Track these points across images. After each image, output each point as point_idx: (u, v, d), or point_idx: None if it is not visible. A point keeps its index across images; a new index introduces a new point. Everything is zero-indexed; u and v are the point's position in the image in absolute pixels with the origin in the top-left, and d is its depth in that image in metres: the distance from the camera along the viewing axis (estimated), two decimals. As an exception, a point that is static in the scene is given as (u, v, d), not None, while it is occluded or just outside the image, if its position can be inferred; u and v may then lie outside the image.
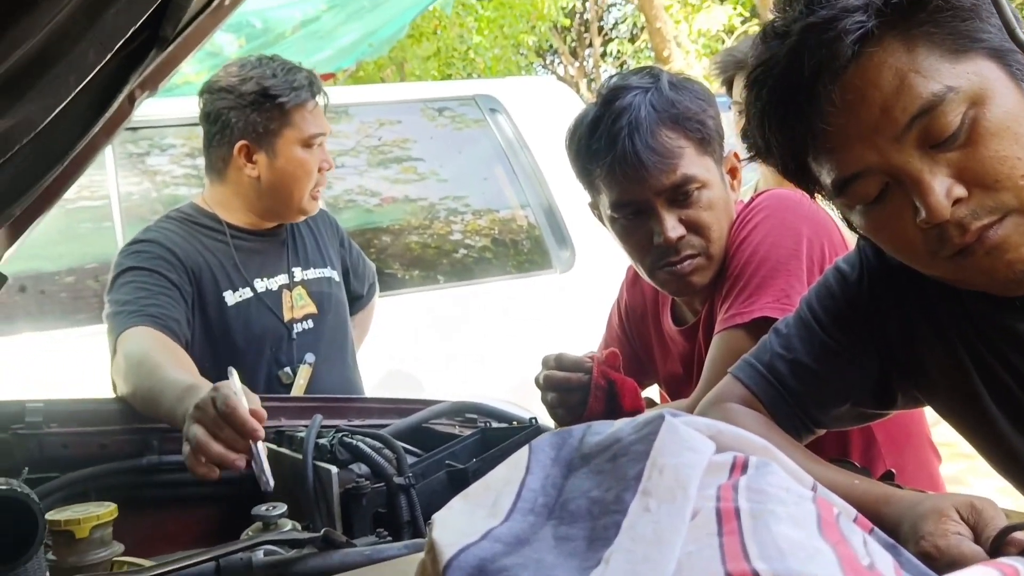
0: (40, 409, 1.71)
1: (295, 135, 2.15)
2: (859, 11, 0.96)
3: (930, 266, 1.04)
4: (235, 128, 2.13)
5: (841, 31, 0.96)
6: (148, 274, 2.03)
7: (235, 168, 2.17)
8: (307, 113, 2.16)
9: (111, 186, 3.41)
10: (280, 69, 2.16)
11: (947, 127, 0.95)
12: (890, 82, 0.96)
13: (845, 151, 1.00)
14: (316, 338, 2.25)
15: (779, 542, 0.55)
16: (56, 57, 0.92)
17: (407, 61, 11.52)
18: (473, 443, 1.68)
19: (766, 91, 1.04)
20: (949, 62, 0.96)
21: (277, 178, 2.16)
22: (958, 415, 1.18)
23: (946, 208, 0.95)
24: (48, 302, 3.31)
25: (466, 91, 4.28)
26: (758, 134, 1.08)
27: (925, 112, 0.95)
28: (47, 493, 1.59)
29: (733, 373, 1.30)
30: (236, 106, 2.13)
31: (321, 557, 1.21)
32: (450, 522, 0.64)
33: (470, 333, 3.65)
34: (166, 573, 1.12)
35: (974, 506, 0.90)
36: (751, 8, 12.09)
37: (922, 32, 0.97)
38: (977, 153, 0.96)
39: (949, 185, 0.96)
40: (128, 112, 1.31)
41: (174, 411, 1.60)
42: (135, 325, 1.91)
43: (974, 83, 0.96)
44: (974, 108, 0.96)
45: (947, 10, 0.96)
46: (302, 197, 2.20)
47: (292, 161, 2.16)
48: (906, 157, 0.97)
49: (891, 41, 0.97)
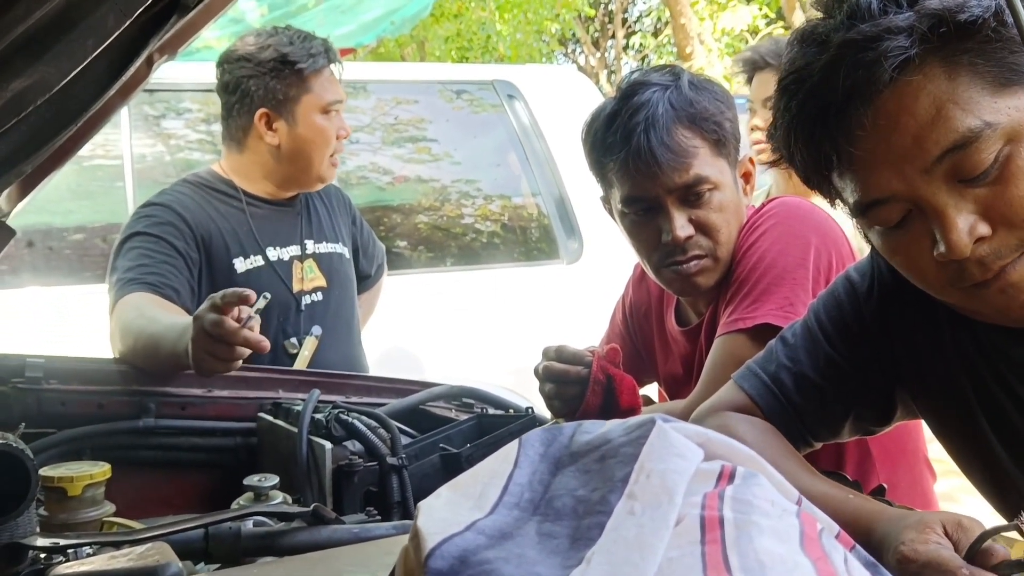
0: (40, 365, 1.72)
1: (314, 101, 2.17)
2: (903, 34, 0.91)
3: (942, 294, 1.03)
4: (255, 96, 2.15)
5: (881, 54, 0.91)
6: (155, 241, 2.05)
7: (255, 137, 2.19)
8: (325, 80, 2.18)
9: (124, 147, 3.41)
10: (296, 37, 2.19)
11: (980, 164, 0.92)
12: (926, 110, 0.92)
13: (871, 176, 0.97)
14: (323, 311, 2.26)
15: (760, 555, 0.55)
16: (76, 20, 0.92)
17: (428, 40, 11.49)
18: (468, 428, 1.69)
19: (796, 103, 1.00)
20: (991, 95, 0.92)
21: (298, 145, 2.18)
22: (951, 435, 1.17)
23: (967, 246, 0.93)
24: (55, 258, 3.32)
25: (485, 75, 4.26)
26: (783, 143, 1.05)
27: (959, 147, 0.92)
28: (42, 449, 1.60)
29: (736, 381, 1.29)
30: (255, 74, 2.14)
31: (309, 532, 1.21)
32: (436, 511, 0.64)
33: (473, 318, 3.66)
34: (155, 537, 1.13)
35: (961, 524, 0.89)
36: (777, 10, 12.02)
37: (966, 61, 0.92)
38: (1007, 192, 0.93)
39: (973, 222, 0.93)
40: (145, 75, 1.31)
41: (176, 348, 1.65)
42: (133, 292, 1.93)
43: (1013, 119, 0.92)
44: (1010, 145, 0.92)
45: (997, 40, 0.92)
46: (322, 163, 2.22)
47: (312, 127, 2.17)
48: (933, 189, 0.94)
49: (933, 67, 0.92)
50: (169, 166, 3.60)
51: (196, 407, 1.79)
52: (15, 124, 1.04)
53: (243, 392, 1.83)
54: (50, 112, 1.10)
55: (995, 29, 0.91)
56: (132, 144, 3.44)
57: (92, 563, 1.04)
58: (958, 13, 0.91)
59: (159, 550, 1.01)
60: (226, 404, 1.81)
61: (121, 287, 1.96)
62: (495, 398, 1.92)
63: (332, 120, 2.20)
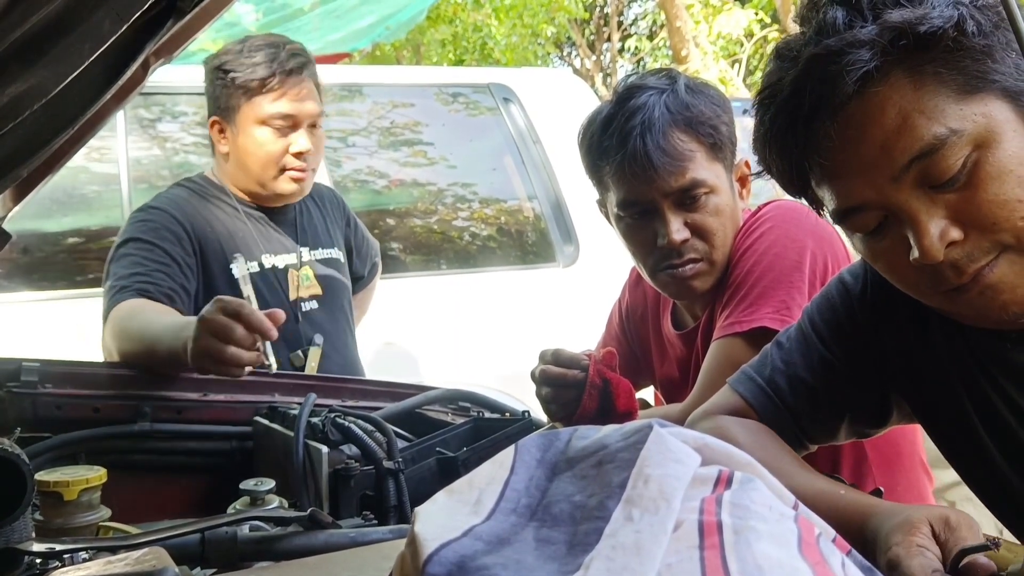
0: (36, 369, 1.71)
1: (252, 112, 2.14)
2: (865, 47, 0.93)
3: (924, 297, 1.04)
4: (209, 104, 2.20)
5: (844, 67, 0.93)
6: (149, 248, 2.04)
7: (216, 144, 2.22)
8: (267, 92, 2.12)
9: (120, 151, 3.41)
10: (250, 47, 2.15)
11: (947, 170, 0.94)
12: (892, 120, 0.94)
13: (843, 185, 1.00)
14: (321, 319, 2.25)
15: (759, 560, 0.55)
16: (72, 25, 0.92)
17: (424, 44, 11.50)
18: (465, 432, 1.69)
19: (768, 117, 1.02)
20: (956, 103, 0.94)
21: (239, 155, 2.18)
22: (948, 440, 1.18)
23: (939, 251, 0.94)
24: (50, 263, 3.32)
25: (480, 79, 4.27)
26: (760, 156, 1.08)
27: (926, 154, 0.94)
28: (38, 453, 1.59)
29: (732, 384, 1.30)
30: (208, 82, 2.19)
31: (306, 536, 1.21)
32: (433, 516, 0.64)
33: (469, 321, 3.65)
34: (151, 542, 1.12)
35: (948, 522, 0.89)
36: (772, 13, 12.05)
37: (931, 70, 0.94)
38: (976, 197, 0.94)
39: (944, 227, 0.95)
40: (141, 79, 1.31)
41: (174, 346, 1.66)
42: (128, 299, 1.94)
43: (980, 125, 0.94)
44: (977, 151, 0.94)
45: (958, 51, 0.94)
46: (268, 177, 2.17)
47: (250, 139, 2.15)
48: (904, 196, 0.96)
49: (898, 78, 0.94)
50: (165, 170, 3.60)
51: (192, 411, 1.79)
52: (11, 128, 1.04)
53: (239, 396, 1.83)
54: (46, 116, 1.10)
55: (955, 39, 0.93)
56: (128, 148, 3.44)
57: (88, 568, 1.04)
58: (918, 25, 0.93)
59: (155, 555, 1.01)
60: (222, 408, 1.81)
61: (115, 294, 1.96)
62: (491, 402, 1.92)
63: (278, 134, 2.14)
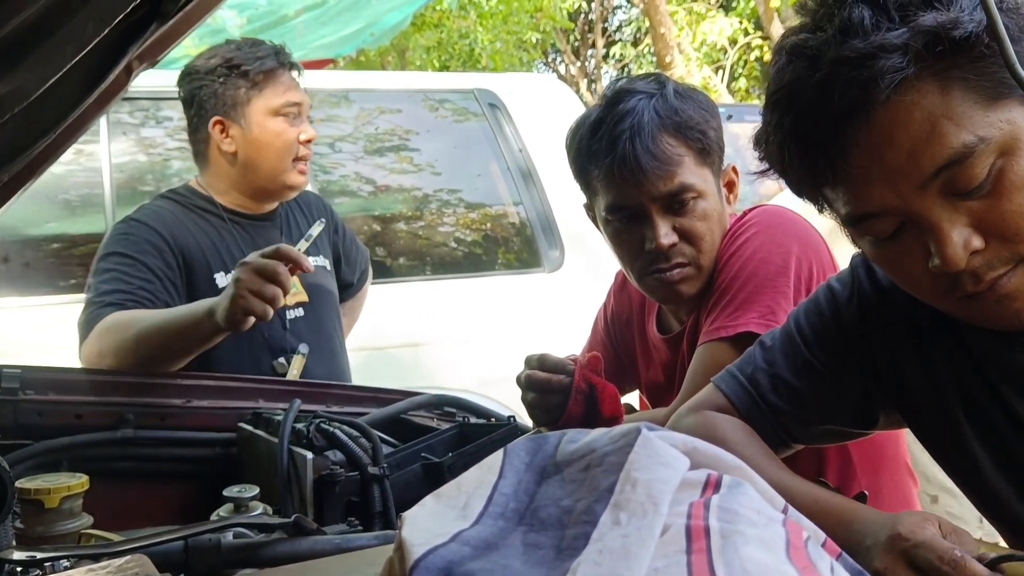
0: (17, 375, 1.69)
1: (264, 104, 2.16)
2: (898, 52, 0.90)
3: (936, 302, 1.03)
4: (207, 105, 2.16)
5: (877, 73, 0.90)
6: (131, 263, 2.03)
7: (215, 147, 2.19)
8: (277, 82, 2.17)
9: (103, 156, 3.39)
10: (244, 44, 2.20)
11: (974, 179, 0.92)
12: (921, 126, 0.92)
13: (865, 191, 0.97)
14: (307, 326, 2.24)
15: (746, 564, 0.55)
16: (54, 28, 0.91)
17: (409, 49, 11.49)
18: (450, 437, 1.68)
19: (789, 119, 0.99)
20: (983, 109, 0.92)
21: (253, 149, 2.16)
22: (937, 444, 1.18)
23: (963, 260, 0.93)
24: (31, 269, 3.29)
25: (465, 84, 4.27)
26: (775, 158, 1.04)
27: (954, 163, 0.91)
28: (19, 460, 1.58)
29: (715, 382, 1.31)
30: (206, 83, 2.16)
31: (290, 543, 1.20)
32: (420, 521, 0.64)
33: (455, 327, 3.64)
34: (134, 549, 1.11)
35: (956, 530, 0.91)
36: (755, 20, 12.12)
37: (958, 76, 0.91)
38: (1000, 205, 0.93)
39: (968, 236, 0.93)
40: (124, 83, 1.29)
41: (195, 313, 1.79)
42: (112, 313, 1.93)
43: (1005, 132, 0.92)
44: (1002, 158, 0.92)
45: (989, 56, 0.91)
46: (282, 169, 2.19)
47: (265, 130, 2.16)
48: (928, 204, 0.94)
49: (927, 83, 0.92)
50: (148, 175, 3.57)
51: (176, 417, 1.77)
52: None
53: (223, 402, 1.81)
54: (27, 120, 1.08)
55: (988, 44, 0.91)
56: (111, 153, 3.41)
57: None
58: (952, 30, 0.90)
59: (138, 562, 1.00)
60: (206, 414, 1.80)
61: (97, 309, 1.95)
62: (477, 407, 1.92)
63: (290, 123, 2.18)
